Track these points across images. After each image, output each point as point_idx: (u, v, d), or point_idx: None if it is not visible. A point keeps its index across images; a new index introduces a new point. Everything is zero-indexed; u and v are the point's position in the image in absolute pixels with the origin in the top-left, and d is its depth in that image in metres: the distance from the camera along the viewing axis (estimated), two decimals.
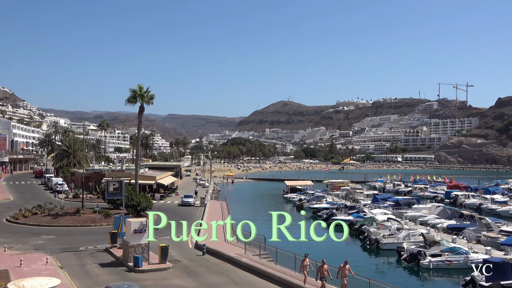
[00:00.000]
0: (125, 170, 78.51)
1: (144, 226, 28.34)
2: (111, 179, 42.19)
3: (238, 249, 33.04)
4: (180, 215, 53.79)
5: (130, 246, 28.03)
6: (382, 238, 42.63)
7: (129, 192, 47.24)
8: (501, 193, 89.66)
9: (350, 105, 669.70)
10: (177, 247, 34.20)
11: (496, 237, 43.11)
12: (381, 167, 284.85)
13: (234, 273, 27.11)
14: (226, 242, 36.91)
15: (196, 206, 62.87)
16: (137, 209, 46.96)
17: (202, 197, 67.84)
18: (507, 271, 28.39)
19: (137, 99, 51.39)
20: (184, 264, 29.14)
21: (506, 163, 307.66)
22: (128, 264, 27.74)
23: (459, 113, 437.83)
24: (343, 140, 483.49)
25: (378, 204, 69.54)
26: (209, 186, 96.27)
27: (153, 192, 70.37)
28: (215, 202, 68.19)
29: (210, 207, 59.43)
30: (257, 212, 73.50)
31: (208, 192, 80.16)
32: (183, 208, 60.32)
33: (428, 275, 34.04)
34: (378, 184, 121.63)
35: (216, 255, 31.71)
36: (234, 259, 30.07)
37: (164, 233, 37.66)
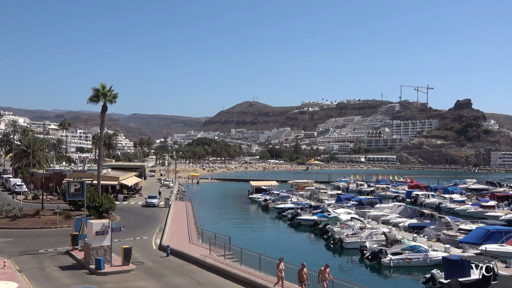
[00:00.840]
0: (87, 171, 76.81)
1: (106, 228, 27.79)
2: (72, 180, 41.16)
3: (203, 250, 32.84)
4: (144, 216, 53.14)
5: (91, 248, 27.44)
6: (346, 237, 43.28)
7: (91, 193, 46.25)
8: (459, 192, 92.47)
9: (315, 106, 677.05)
10: (141, 249, 33.72)
11: (455, 235, 44.41)
12: (345, 167, 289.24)
13: (199, 274, 26.93)
14: (191, 243, 36.65)
15: (160, 207, 62.23)
16: (100, 210, 46.03)
17: (166, 198, 67.14)
18: (465, 268, 29.27)
19: (100, 98, 50.37)
20: (148, 265, 28.75)
21: (464, 163, 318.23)
22: (89, 267, 27.13)
23: (420, 115, 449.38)
24: (308, 141, 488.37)
25: (342, 203, 70.54)
26: (174, 187, 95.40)
27: (116, 193, 69.18)
28: (180, 203, 67.63)
29: (174, 208, 58.88)
30: (222, 212, 73.35)
31: (172, 192, 79.43)
32: (147, 209, 59.57)
33: (389, 273, 34.76)
34: (342, 184, 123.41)
35: (181, 256, 31.42)
36: (198, 260, 29.86)
37: (127, 234, 37.07)
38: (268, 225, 61.29)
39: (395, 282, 33.05)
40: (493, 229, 41.24)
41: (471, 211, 67.69)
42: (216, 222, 59.74)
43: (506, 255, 35.38)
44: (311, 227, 54.34)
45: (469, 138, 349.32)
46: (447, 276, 28.76)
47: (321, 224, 51.40)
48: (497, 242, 38.52)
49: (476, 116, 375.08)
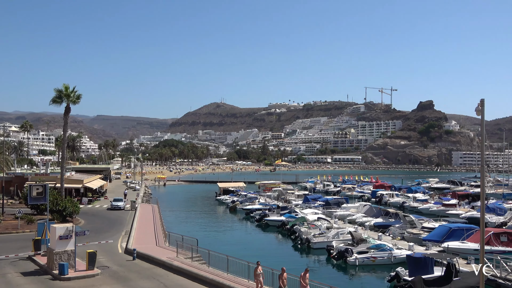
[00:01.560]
0: (50, 174, 74.88)
1: (70, 232, 27.15)
2: (34, 183, 40.01)
3: (170, 253, 32.53)
4: (109, 219, 52.23)
5: (55, 253, 26.75)
6: (313, 237, 43.70)
7: (54, 196, 45.17)
8: (422, 191, 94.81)
9: (282, 107, 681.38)
10: (106, 253, 33.12)
11: (419, 233, 45.50)
12: (311, 168, 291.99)
13: (166, 277, 26.66)
14: (158, 246, 36.24)
15: (126, 209, 61.30)
16: (63, 214, 44.99)
17: (132, 200, 66.18)
18: (428, 266, 30.02)
19: (63, 99, 49.29)
20: (113, 269, 28.25)
21: (427, 163, 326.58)
22: (53, 272, 26.44)
23: (384, 116, 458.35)
24: (275, 142, 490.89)
25: (309, 204, 71.19)
26: (140, 189, 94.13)
27: (80, 196, 67.78)
28: (146, 206, 66.77)
29: (141, 211, 58.08)
30: (189, 214, 72.84)
31: (139, 195, 78.35)
32: (112, 212, 58.57)
33: (355, 272, 35.30)
34: (309, 184, 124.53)
35: (147, 259, 31.01)
36: (165, 263, 29.55)
37: (92, 238, 36.35)
38: (236, 227, 61.24)
39: (361, 281, 33.57)
40: (454, 227, 42.46)
41: (433, 209, 69.51)
42: (183, 225, 59.28)
43: (467, 252, 36.47)
44: (279, 228, 54.62)
45: (431, 138, 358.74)
46: (411, 274, 29.41)
47: (289, 224, 51.73)
48: (458, 239, 39.70)
49: (438, 117, 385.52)
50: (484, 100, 18.49)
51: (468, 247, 37.76)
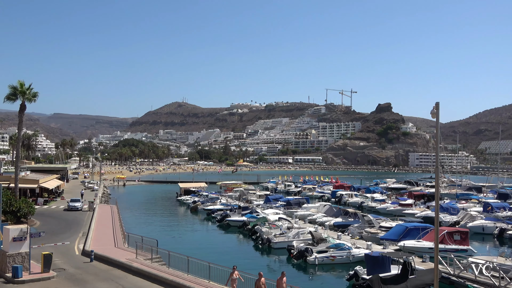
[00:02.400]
0: (4, 173, 72.27)
1: (24, 234, 26.27)
2: None
3: (129, 254, 32.01)
4: (66, 220, 50.90)
5: (8, 256, 25.84)
6: (274, 237, 43.99)
7: (8, 197, 43.61)
8: (380, 192, 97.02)
9: (244, 107, 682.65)
10: (62, 255, 32.26)
11: (376, 232, 46.57)
12: (273, 168, 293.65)
13: (125, 279, 26.22)
14: (117, 247, 35.58)
15: (84, 210, 59.87)
16: (17, 215, 43.48)
17: (90, 201, 64.71)
18: (385, 264, 30.80)
19: (18, 96, 47.61)
20: (70, 272, 27.55)
21: (385, 164, 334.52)
22: (5, 275, 25.53)
23: (344, 117, 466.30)
24: (237, 142, 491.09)
25: (270, 204, 71.55)
26: (99, 190, 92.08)
27: (35, 196, 65.63)
28: (105, 206, 65.39)
29: (99, 212, 56.84)
30: (150, 215, 71.84)
31: (97, 195, 76.61)
32: (69, 213, 57.10)
33: (314, 271, 35.76)
34: (270, 185, 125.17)
35: (105, 261, 30.41)
36: (124, 264, 29.06)
37: (48, 240, 35.31)
38: (197, 227, 60.87)
39: (320, 280, 34.03)
40: (411, 226, 43.69)
41: (390, 209, 71.20)
42: (143, 225, 58.41)
43: (422, 250, 37.62)
44: (240, 228, 54.69)
45: (389, 140, 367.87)
46: (369, 272, 30.06)
47: (250, 224, 51.87)
48: (414, 238, 40.90)
49: (396, 119, 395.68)
50: (439, 103, 19.15)
51: (423, 245, 38.96)
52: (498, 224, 54.40)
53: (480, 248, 45.15)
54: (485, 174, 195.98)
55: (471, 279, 29.84)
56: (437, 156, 21.04)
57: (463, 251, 38.22)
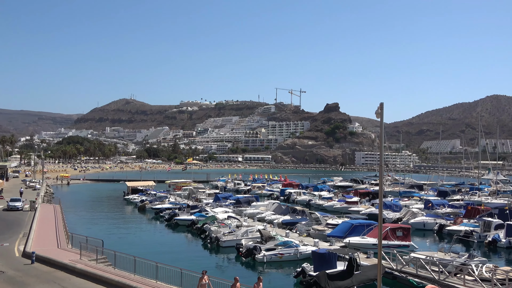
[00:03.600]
0: None
1: None
2: None
3: (73, 255, 31.02)
4: (6, 221, 48.65)
5: None
6: (222, 236, 43.95)
7: None
8: (327, 190, 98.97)
9: (193, 105, 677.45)
10: (1, 257, 30.85)
11: (323, 229, 47.54)
12: (223, 167, 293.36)
13: (68, 280, 25.40)
14: (60, 248, 34.37)
15: (25, 210, 57.43)
16: None
17: (32, 200, 62.10)
18: (332, 261, 31.51)
19: None
20: (9, 275, 26.36)
21: (332, 162, 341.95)
22: None
23: (293, 117, 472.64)
24: (186, 140, 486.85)
25: (220, 202, 71.45)
26: (41, 188, 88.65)
27: None
28: (48, 206, 63.03)
29: (41, 211, 54.70)
30: (95, 215, 69.91)
31: (39, 195, 73.69)
32: (9, 213, 54.59)
33: (263, 268, 36.03)
34: (220, 183, 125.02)
35: (48, 262, 29.32)
36: (68, 265, 28.14)
37: None
38: (144, 227, 59.81)
39: (268, 277, 34.28)
40: (356, 223, 44.91)
41: (337, 206, 72.86)
42: (88, 226, 56.77)
43: (366, 246, 38.74)
44: (189, 227, 54.25)
45: (336, 139, 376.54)
46: (316, 269, 30.62)
47: (199, 223, 51.58)
48: (359, 235, 42.06)
49: (343, 119, 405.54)
50: (383, 104, 19.77)
51: (367, 242, 40.15)
52: (438, 220, 56.90)
53: (421, 243, 47.05)
54: (427, 173, 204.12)
55: (412, 274, 31.06)
56: (381, 155, 21.73)
57: (405, 247, 39.65)
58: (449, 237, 49.06)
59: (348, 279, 29.53)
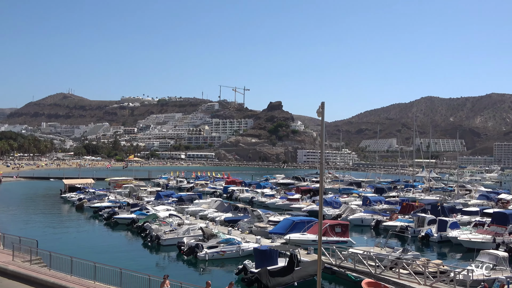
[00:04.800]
0: None
1: None
2: None
3: (4, 256, 29.56)
4: None
5: None
6: (163, 234, 43.43)
7: None
8: (269, 187, 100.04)
9: (135, 101, 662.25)
10: None
11: (265, 226, 48.09)
12: (165, 164, 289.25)
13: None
14: None
15: None
16: None
17: None
18: (273, 257, 31.98)
19: None
20: None
21: (275, 160, 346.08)
22: None
23: (237, 114, 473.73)
24: (127, 137, 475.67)
25: (162, 200, 70.53)
26: None
27: None
28: None
29: None
30: (30, 214, 66.90)
31: None
32: None
33: (205, 266, 36.00)
34: (162, 181, 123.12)
35: None
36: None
37: None
38: (82, 226, 57.93)
39: (210, 275, 34.27)
40: (297, 220, 45.73)
41: (279, 203, 73.78)
42: (22, 225, 54.29)
43: (307, 243, 39.61)
44: (129, 226, 53.16)
45: (279, 137, 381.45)
46: (257, 266, 30.96)
47: (139, 222, 50.68)
48: (300, 231, 42.90)
49: (286, 117, 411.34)
50: (324, 103, 20.25)
51: (307, 238, 41.06)
52: (375, 216, 59.08)
53: (359, 239, 48.63)
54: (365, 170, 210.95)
55: (350, 268, 32.12)
56: (322, 153, 22.29)
57: (343, 243, 40.92)
58: (385, 233, 50.94)
59: (289, 275, 30.11)
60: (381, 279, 29.25)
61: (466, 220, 57.62)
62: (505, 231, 46.99)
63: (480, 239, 43.79)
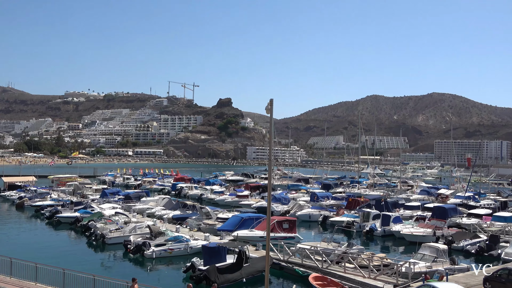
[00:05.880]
0: None
1: None
2: None
3: None
4: None
5: None
6: (109, 232, 42.44)
7: None
8: (219, 184, 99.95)
9: (80, 96, 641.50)
10: None
11: (214, 223, 48.02)
12: (112, 161, 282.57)
13: None
14: None
15: None
16: None
17: None
18: (221, 254, 32.00)
19: None
20: None
21: (224, 157, 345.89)
22: None
23: (186, 111, 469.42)
24: (72, 133, 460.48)
25: (108, 198, 68.90)
26: None
27: None
28: None
29: None
30: None
31: None
32: None
33: (152, 264, 35.50)
34: (108, 178, 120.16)
35: None
36: None
37: None
38: (23, 226, 55.53)
39: (158, 273, 33.88)
40: (246, 216, 45.94)
41: (228, 200, 73.80)
42: None
43: (255, 239, 39.90)
44: (72, 225, 51.54)
45: (229, 134, 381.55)
46: (206, 263, 30.88)
47: (84, 220, 49.26)
48: (248, 228, 43.14)
49: (236, 114, 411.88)
50: (272, 100, 20.43)
51: (255, 234, 41.40)
52: (322, 212, 60.29)
53: (306, 234, 49.55)
54: (313, 167, 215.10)
55: (298, 264, 32.64)
56: (270, 150, 22.48)
57: (291, 238, 41.50)
58: (332, 228, 52.01)
59: (238, 271, 30.25)
60: (327, 273, 29.90)
61: (408, 214, 59.96)
62: (444, 225, 49.39)
63: (421, 232, 45.62)
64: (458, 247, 41.66)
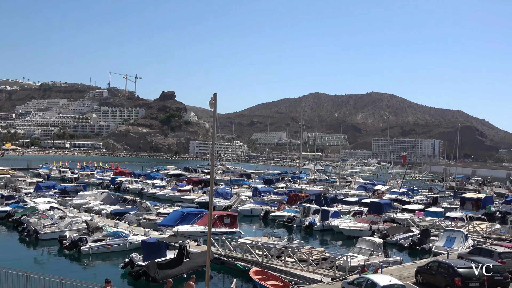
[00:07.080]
0: None
1: None
2: None
3: None
4: None
5: None
6: (43, 228, 40.70)
7: None
8: (160, 178, 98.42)
9: (14, 85, 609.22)
10: None
11: (154, 219, 47.21)
12: (47, 154, 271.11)
13: None
14: None
15: None
16: None
17: None
18: (161, 250, 31.54)
19: None
20: None
21: (166, 151, 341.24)
22: None
23: (127, 103, 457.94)
24: (4, 123, 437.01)
25: (42, 192, 66.04)
26: None
27: None
28: None
29: None
30: None
31: None
32: None
33: (89, 260, 34.40)
34: (43, 171, 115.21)
35: None
36: None
37: None
38: None
39: (95, 269, 32.87)
40: (187, 211, 45.50)
41: (170, 195, 72.82)
42: None
43: (196, 234, 39.66)
44: (3, 220, 48.99)
45: (172, 127, 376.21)
46: (145, 258, 30.35)
47: (16, 215, 46.94)
48: (189, 223, 42.81)
49: (179, 107, 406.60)
50: (216, 94, 20.27)
51: (196, 229, 41.20)
52: (263, 207, 60.86)
53: (248, 229, 49.82)
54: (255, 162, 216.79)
55: (239, 258, 32.76)
56: (213, 145, 22.33)
57: (232, 233, 41.57)
58: (273, 223, 52.68)
59: (178, 266, 29.96)
60: (268, 267, 30.20)
61: (347, 209, 61.79)
62: (380, 220, 51.27)
63: (358, 227, 47.12)
64: (393, 241, 43.38)
